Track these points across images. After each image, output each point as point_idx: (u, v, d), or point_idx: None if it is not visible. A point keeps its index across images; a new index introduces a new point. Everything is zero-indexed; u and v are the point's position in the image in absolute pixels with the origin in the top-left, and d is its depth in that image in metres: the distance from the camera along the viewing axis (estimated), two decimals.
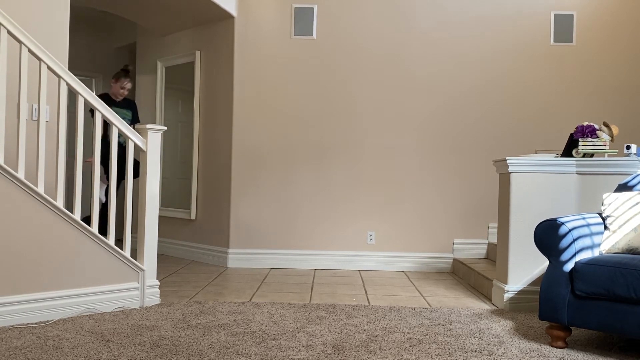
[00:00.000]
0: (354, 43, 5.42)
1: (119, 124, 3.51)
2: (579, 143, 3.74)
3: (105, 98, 4.84)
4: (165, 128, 3.83)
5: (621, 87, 5.36)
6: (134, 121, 5.06)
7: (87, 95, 3.37)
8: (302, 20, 5.43)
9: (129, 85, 4.95)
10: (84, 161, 4.29)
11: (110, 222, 3.54)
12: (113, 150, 3.57)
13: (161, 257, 5.76)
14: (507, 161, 3.73)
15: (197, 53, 5.82)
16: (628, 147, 3.62)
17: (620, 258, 2.73)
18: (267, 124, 5.44)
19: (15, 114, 3.40)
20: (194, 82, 5.85)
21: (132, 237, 3.91)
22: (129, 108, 5.03)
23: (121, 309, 3.48)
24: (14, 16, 3.58)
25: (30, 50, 3.13)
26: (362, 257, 5.36)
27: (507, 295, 3.73)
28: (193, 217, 5.83)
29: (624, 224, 2.96)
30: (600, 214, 3.15)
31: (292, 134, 5.42)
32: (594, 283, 2.69)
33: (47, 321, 3.13)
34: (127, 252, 3.56)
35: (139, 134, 3.63)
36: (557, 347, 2.85)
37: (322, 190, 5.29)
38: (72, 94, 5.31)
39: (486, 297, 4.15)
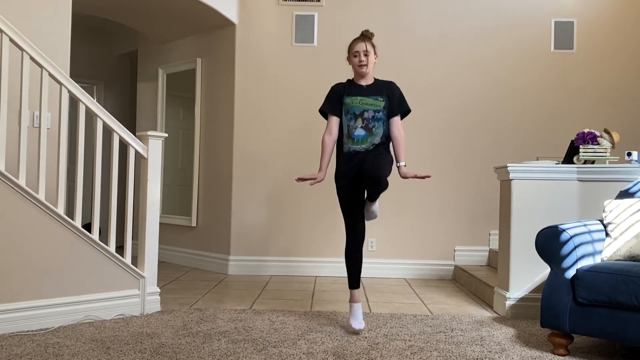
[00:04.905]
0: None
1: (120, 130, 3.51)
2: (580, 150, 3.74)
3: (344, 87, 3.40)
4: (167, 135, 3.84)
5: (622, 94, 5.36)
6: (394, 111, 3.41)
7: (88, 102, 3.38)
8: (303, 28, 5.45)
9: (362, 47, 3.31)
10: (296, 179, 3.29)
11: (110, 229, 3.54)
12: (114, 154, 3.57)
13: (162, 264, 5.75)
14: (509, 168, 3.73)
15: (198, 60, 5.83)
16: (629, 154, 3.61)
17: (622, 265, 2.72)
18: (268, 131, 5.45)
19: (17, 120, 3.41)
20: (195, 89, 5.86)
21: (132, 244, 3.90)
22: (377, 94, 3.37)
23: (121, 316, 3.47)
24: (15, 23, 3.59)
25: (31, 58, 3.14)
26: (363, 264, 5.31)
27: (508, 303, 3.72)
28: (194, 224, 5.82)
29: (626, 230, 2.95)
30: (601, 221, 3.14)
31: (293, 141, 5.43)
32: (596, 290, 2.68)
33: (47, 328, 3.12)
34: (127, 259, 3.55)
35: (140, 140, 3.63)
36: (559, 355, 2.83)
37: (324, 197, 5.28)
38: (74, 101, 5.32)
39: (488, 304, 4.14)
